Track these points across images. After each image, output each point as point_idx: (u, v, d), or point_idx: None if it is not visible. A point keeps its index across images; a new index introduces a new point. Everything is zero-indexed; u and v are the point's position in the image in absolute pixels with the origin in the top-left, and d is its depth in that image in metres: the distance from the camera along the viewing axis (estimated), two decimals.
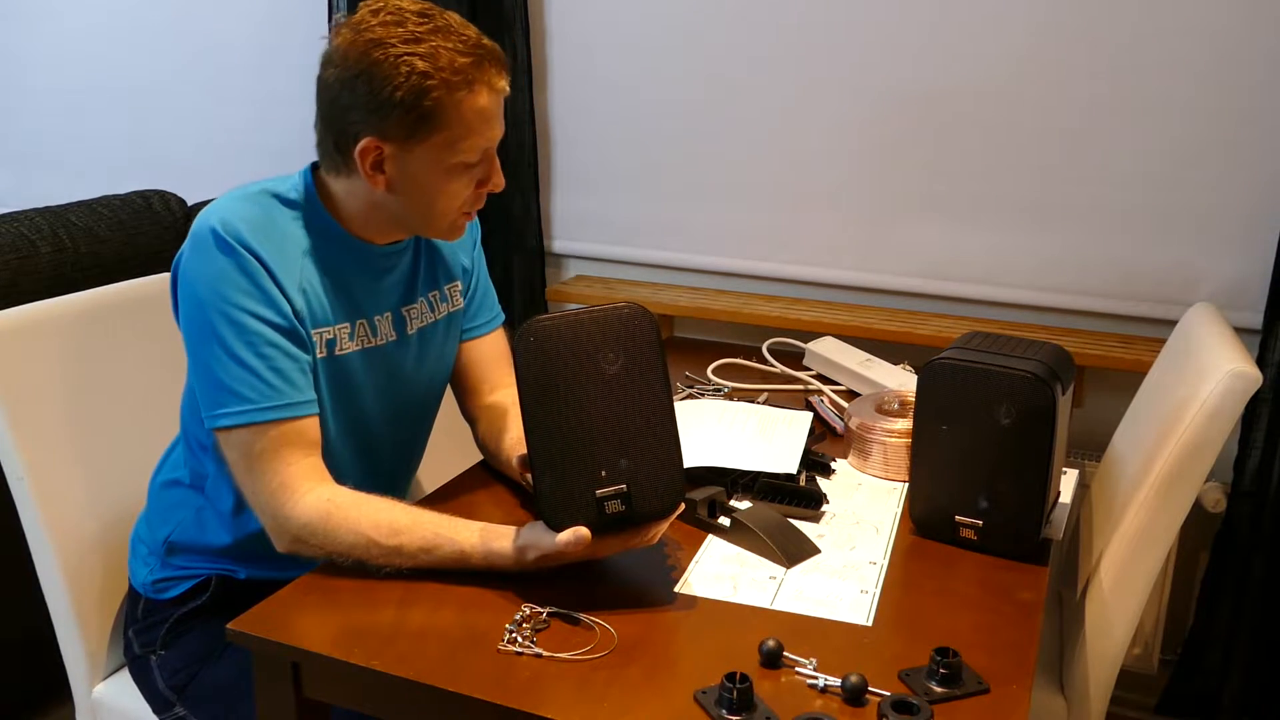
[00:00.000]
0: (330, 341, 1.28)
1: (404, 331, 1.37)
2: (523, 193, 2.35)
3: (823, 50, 2.11)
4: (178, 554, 1.37)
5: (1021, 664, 1.03)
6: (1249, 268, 1.90)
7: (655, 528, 1.15)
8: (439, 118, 1.19)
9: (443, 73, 1.17)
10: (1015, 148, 2.02)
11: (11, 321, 1.39)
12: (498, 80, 1.22)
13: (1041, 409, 1.18)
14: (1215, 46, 1.85)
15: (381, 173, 1.23)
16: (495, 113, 1.23)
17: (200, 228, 1.21)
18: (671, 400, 1.14)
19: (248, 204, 1.24)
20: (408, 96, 1.17)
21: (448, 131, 1.20)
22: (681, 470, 1.14)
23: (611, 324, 1.12)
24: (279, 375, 1.21)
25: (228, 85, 2.77)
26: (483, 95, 1.20)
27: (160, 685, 1.36)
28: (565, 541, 1.10)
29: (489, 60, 1.21)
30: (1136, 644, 2.00)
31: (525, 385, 1.11)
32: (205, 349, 1.21)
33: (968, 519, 1.25)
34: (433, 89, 1.17)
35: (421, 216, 1.28)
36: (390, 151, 1.21)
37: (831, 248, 2.20)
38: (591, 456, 1.11)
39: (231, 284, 1.19)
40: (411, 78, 1.16)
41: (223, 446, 1.23)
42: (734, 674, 0.95)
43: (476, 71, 1.19)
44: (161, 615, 1.37)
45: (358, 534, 1.16)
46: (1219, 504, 1.92)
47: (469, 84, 1.19)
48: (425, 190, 1.24)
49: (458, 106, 1.19)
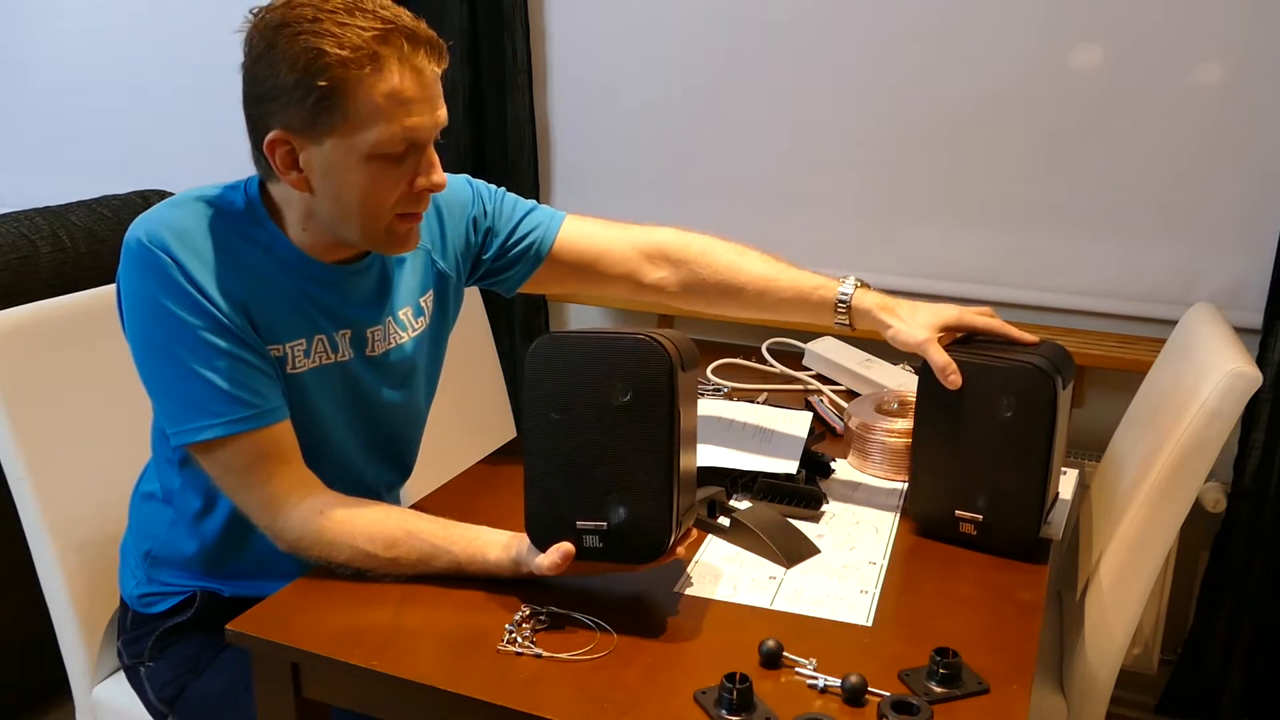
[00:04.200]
0: (281, 359, 1.20)
1: (363, 351, 1.28)
2: (523, 193, 2.33)
3: (823, 51, 2.11)
4: (160, 568, 1.34)
5: (1021, 664, 1.03)
6: (1249, 268, 1.90)
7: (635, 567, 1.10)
8: (340, 102, 1.07)
9: (342, 51, 1.05)
10: (1015, 148, 2.02)
11: (11, 321, 1.39)
12: (416, 57, 1.08)
13: (1042, 400, 1.18)
14: (1215, 47, 1.85)
15: (298, 170, 1.12)
16: (417, 95, 1.09)
17: (129, 239, 1.13)
18: (675, 444, 1.05)
19: (180, 212, 1.16)
20: (304, 78, 1.06)
21: (353, 118, 1.07)
22: (670, 518, 1.06)
23: (625, 353, 1.05)
24: (238, 384, 1.14)
25: (228, 85, 2.76)
26: (393, 74, 1.07)
27: (152, 697, 1.35)
28: (551, 563, 1.07)
29: (402, 35, 1.07)
30: (1136, 644, 2.00)
31: (531, 400, 1.08)
32: (157, 365, 1.15)
33: (968, 514, 1.25)
34: (329, 68, 1.05)
35: (349, 223, 1.15)
36: (300, 145, 1.10)
37: (831, 248, 2.20)
38: (582, 486, 1.07)
39: (167, 295, 1.12)
40: (305, 56, 1.05)
41: (200, 460, 1.18)
42: (734, 674, 0.94)
43: (383, 47, 1.06)
44: (149, 628, 1.35)
45: (354, 549, 1.15)
46: (1219, 504, 1.92)
47: (373, 60, 1.06)
48: (345, 191, 1.12)
49: (361, 87, 1.06)
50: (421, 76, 1.10)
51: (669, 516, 1.06)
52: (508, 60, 2.29)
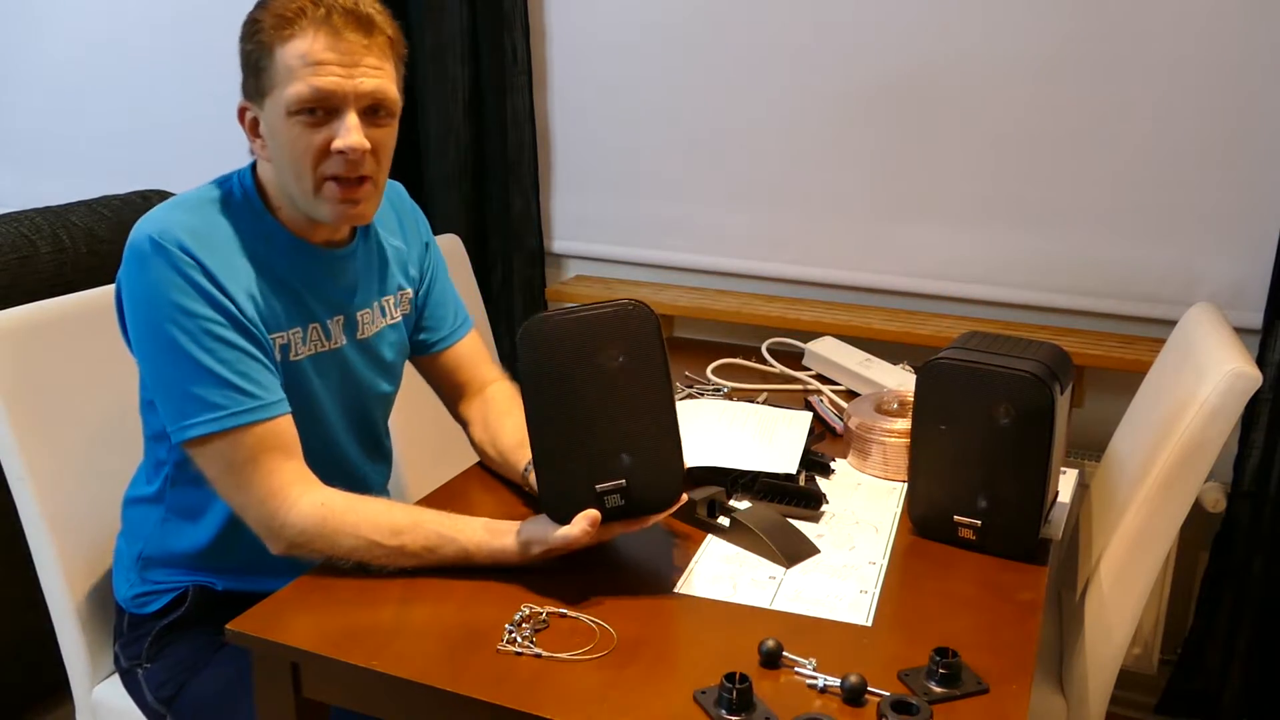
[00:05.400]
0: (285, 346, 1.25)
1: (354, 335, 1.34)
2: (523, 193, 2.35)
3: (824, 51, 2.11)
4: (153, 568, 1.35)
5: (1021, 664, 1.03)
6: (1249, 268, 1.90)
7: (655, 516, 1.17)
8: (265, 64, 1.18)
9: (269, 17, 1.17)
10: (1016, 148, 2.02)
11: (11, 321, 1.39)
12: (333, 22, 1.16)
13: (1040, 409, 1.18)
14: (1215, 47, 1.85)
15: (259, 137, 1.23)
16: (330, 59, 1.16)
17: (138, 238, 1.17)
18: (672, 395, 1.14)
19: (184, 211, 1.21)
20: (244, 45, 1.19)
21: (275, 77, 1.17)
22: (682, 465, 1.15)
23: (613, 320, 1.12)
24: (244, 377, 1.17)
25: (228, 85, 2.76)
26: (307, 36, 1.15)
27: (149, 698, 1.35)
28: (581, 530, 1.11)
29: (329, 6, 1.16)
30: (1136, 644, 2.00)
31: (528, 381, 1.12)
32: (164, 360, 1.17)
33: (966, 519, 1.25)
34: (257, 32, 1.18)
35: (291, 185, 1.22)
36: (254, 109, 1.22)
37: (831, 248, 2.20)
38: (593, 451, 1.12)
39: (179, 290, 1.16)
40: (246, 27, 1.19)
41: (199, 460, 1.19)
42: (733, 674, 0.95)
43: (304, 16, 1.16)
44: (144, 629, 1.36)
45: (358, 537, 1.16)
46: (1219, 504, 1.92)
47: (290, 23, 1.16)
48: (279, 149, 1.20)
49: (279, 49, 1.16)
50: (339, 42, 1.17)
51: (680, 454, 1.14)
52: (508, 60, 2.29)
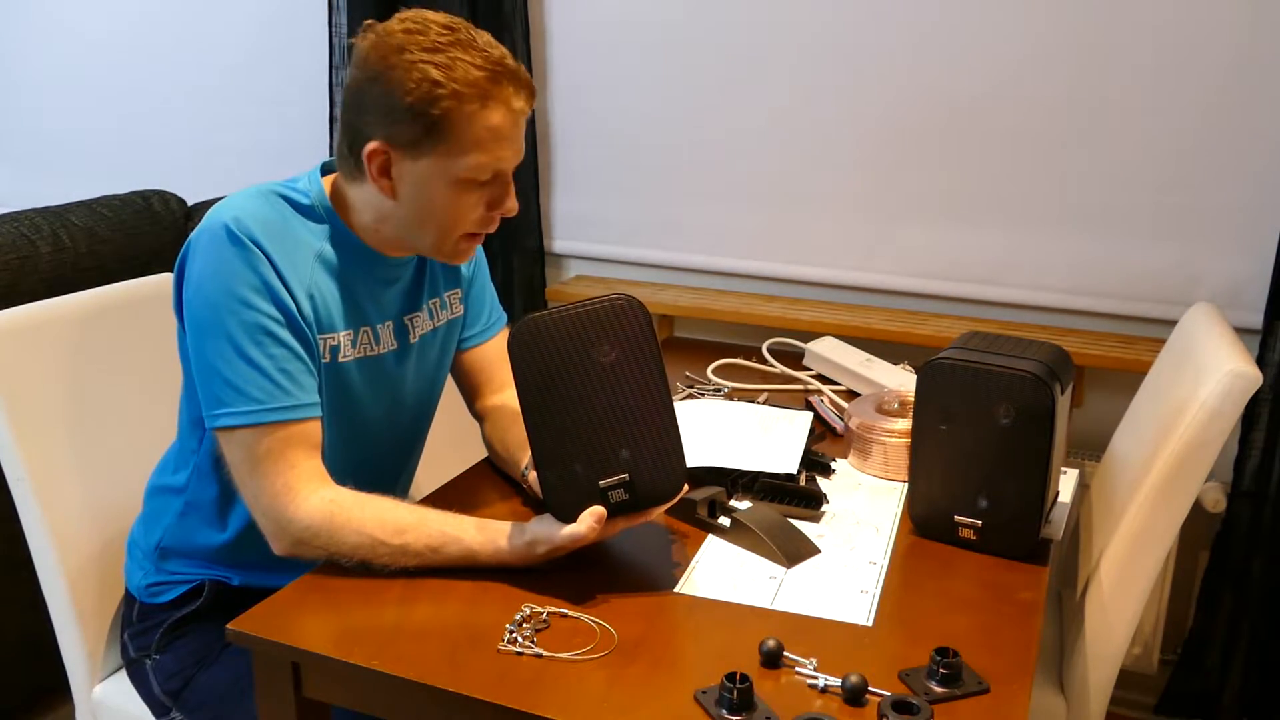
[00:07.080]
0: (334, 348, 1.28)
1: (405, 340, 1.36)
2: (523, 193, 2.35)
3: (824, 51, 2.11)
4: (170, 558, 1.37)
5: (1021, 664, 1.03)
6: (1249, 268, 1.91)
7: (659, 508, 1.18)
8: (446, 129, 1.18)
9: (455, 84, 1.16)
10: (1015, 148, 2.02)
11: (11, 321, 1.39)
12: (515, 100, 1.20)
13: (1041, 409, 1.18)
14: (1216, 47, 1.85)
15: (388, 178, 1.22)
16: (509, 133, 1.21)
17: (214, 222, 1.20)
18: (667, 385, 1.15)
19: (262, 203, 1.23)
20: (417, 104, 1.16)
21: (455, 144, 1.18)
22: (682, 453, 1.15)
23: (604, 316, 1.13)
24: (287, 376, 1.20)
25: (228, 85, 2.77)
26: (496, 113, 1.19)
27: (156, 690, 1.35)
28: (588, 527, 1.12)
29: (507, 78, 1.19)
30: (1136, 644, 2.00)
31: (523, 383, 1.12)
32: (212, 346, 1.19)
33: (967, 519, 1.25)
34: (442, 98, 1.16)
35: (425, 232, 1.26)
36: (397, 157, 1.20)
37: (831, 248, 2.20)
38: (593, 448, 1.13)
39: (243, 281, 1.18)
40: (423, 85, 1.16)
41: (224, 445, 1.22)
42: (734, 674, 0.94)
43: (492, 87, 1.18)
44: (156, 619, 1.37)
45: (362, 534, 1.16)
46: (1219, 504, 1.92)
47: (482, 98, 1.17)
48: (429, 203, 1.22)
49: (468, 120, 1.18)
50: (518, 117, 1.22)
51: (680, 444, 1.15)
52: None
